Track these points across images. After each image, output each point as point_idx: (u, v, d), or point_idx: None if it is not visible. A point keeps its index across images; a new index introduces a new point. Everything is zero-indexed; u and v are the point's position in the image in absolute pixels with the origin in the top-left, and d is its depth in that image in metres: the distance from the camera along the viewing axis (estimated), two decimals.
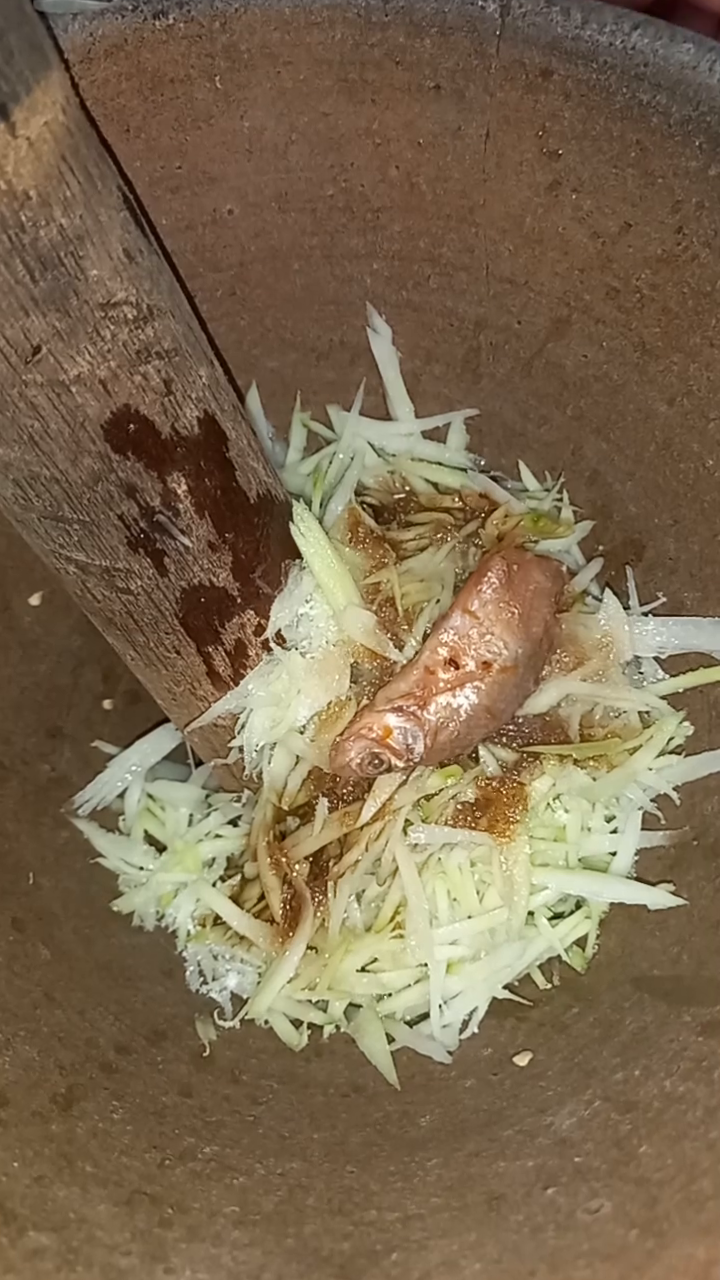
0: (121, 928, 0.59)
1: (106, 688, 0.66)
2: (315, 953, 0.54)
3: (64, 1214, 0.41)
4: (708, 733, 0.57)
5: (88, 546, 0.46)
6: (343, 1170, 0.47)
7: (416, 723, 0.52)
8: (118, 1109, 0.48)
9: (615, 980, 0.53)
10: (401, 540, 0.59)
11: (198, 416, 0.45)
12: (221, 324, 0.59)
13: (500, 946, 0.54)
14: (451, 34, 0.47)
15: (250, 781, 0.57)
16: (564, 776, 0.55)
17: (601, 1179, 0.42)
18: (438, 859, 0.54)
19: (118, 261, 0.39)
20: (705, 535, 0.56)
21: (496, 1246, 0.40)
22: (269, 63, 0.50)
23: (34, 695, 0.63)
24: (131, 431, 0.42)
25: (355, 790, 0.55)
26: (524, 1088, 0.50)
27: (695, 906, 0.52)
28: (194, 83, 0.50)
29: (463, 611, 0.52)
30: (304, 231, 0.57)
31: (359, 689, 0.55)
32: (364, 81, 0.50)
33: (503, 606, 0.52)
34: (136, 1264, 0.40)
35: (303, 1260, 0.42)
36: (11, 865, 0.57)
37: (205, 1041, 0.55)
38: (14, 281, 0.36)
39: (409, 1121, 0.50)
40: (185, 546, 0.47)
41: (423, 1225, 0.43)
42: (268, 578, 0.53)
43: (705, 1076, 0.43)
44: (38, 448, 0.41)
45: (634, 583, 0.59)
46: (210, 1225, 0.43)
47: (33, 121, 0.34)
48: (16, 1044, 0.48)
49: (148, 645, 0.52)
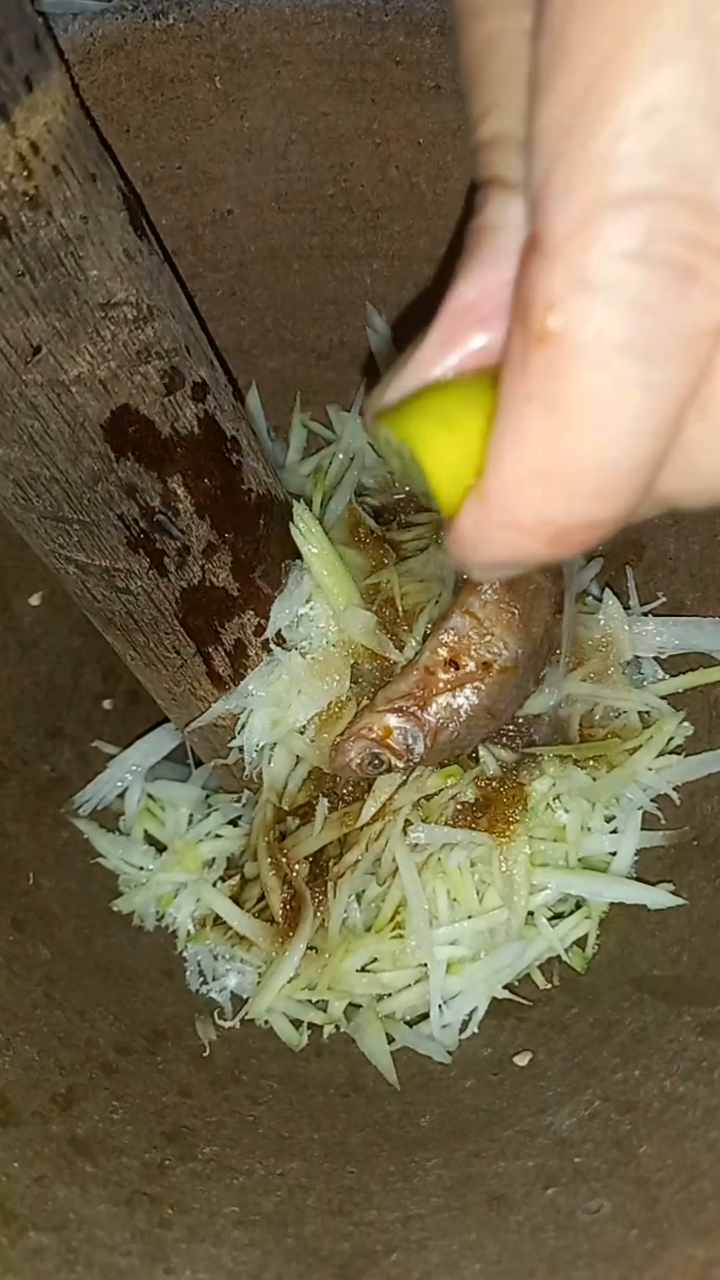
0: (121, 928, 0.59)
1: (106, 688, 0.66)
2: (315, 953, 0.54)
3: (64, 1214, 0.41)
4: (708, 733, 0.57)
5: (88, 546, 0.46)
6: (343, 1170, 0.47)
7: (416, 723, 0.52)
8: (118, 1109, 0.48)
9: (615, 980, 0.53)
10: (401, 540, 0.59)
11: (198, 416, 0.45)
12: (221, 324, 0.59)
13: (500, 946, 0.55)
14: (451, 34, 0.47)
15: (250, 781, 0.57)
16: (564, 776, 0.55)
17: (601, 1179, 0.42)
18: (438, 859, 0.54)
19: (118, 261, 0.39)
20: (705, 535, 0.56)
21: (496, 1247, 0.41)
22: (269, 63, 0.50)
23: (34, 695, 0.63)
24: (131, 432, 0.42)
25: (355, 790, 0.55)
26: (524, 1088, 0.50)
27: (695, 906, 0.52)
28: (194, 83, 0.50)
29: (463, 612, 0.52)
30: (304, 231, 0.57)
31: (359, 689, 0.55)
32: (364, 81, 0.50)
33: (503, 607, 0.52)
34: (136, 1264, 0.40)
35: (303, 1260, 0.42)
36: (11, 865, 0.57)
37: (205, 1041, 0.55)
38: (14, 281, 0.36)
39: (409, 1121, 0.50)
40: (185, 546, 0.47)
41: (423, 1225, 0.43)
42: (268, 578, 0.53)
43: (705, 1076, 0.43)
44: (38, 448, 0.41)
45: (634, 583, 0.59)
46: (210, 1225, 0.43)
47: (33, 121, 0.34)
48: (16, 1044, 0.48)
49: (148, 645, 0.52)
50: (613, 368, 0.18)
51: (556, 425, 0.19)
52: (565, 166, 0.17)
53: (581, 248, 0.17)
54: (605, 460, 0.19)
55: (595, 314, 0.18)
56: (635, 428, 0.19)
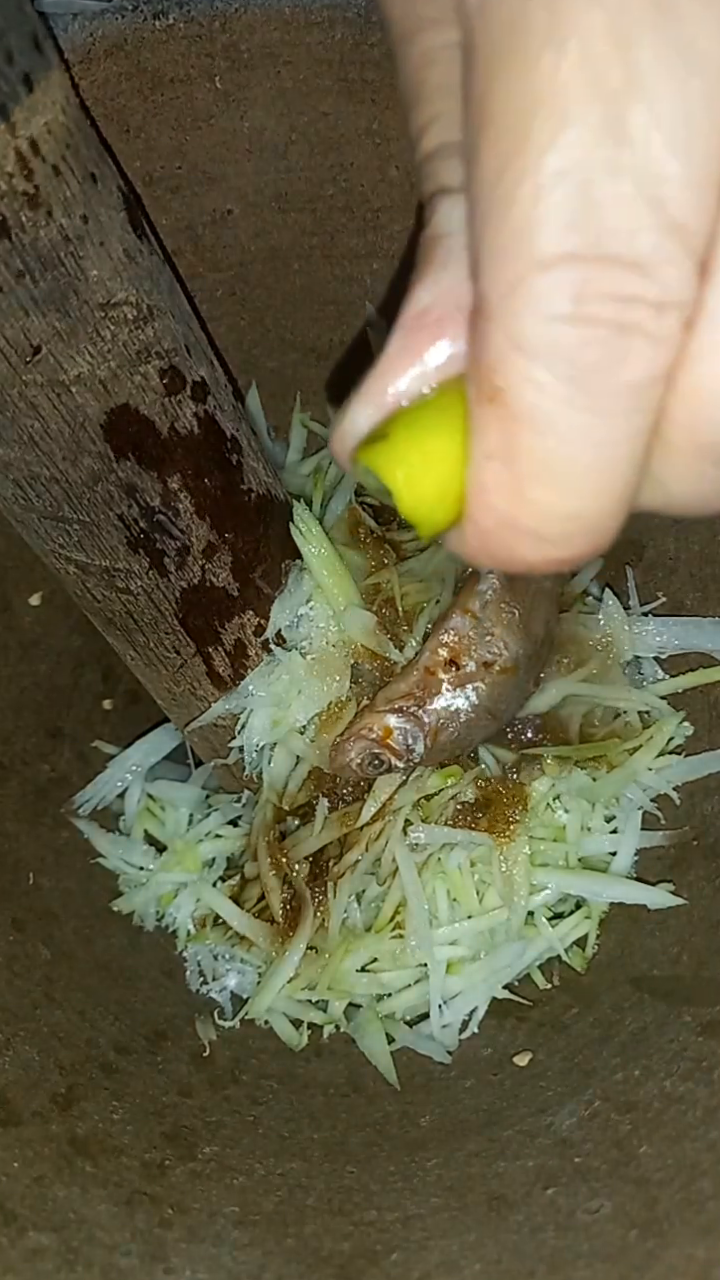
0: (121, 928, 0.59)
1: (106, 688, 0.66)
2: (315, 953, 0.54)
3: (64, 1214, 0.41)
4: (708, 733, 0.57)
5: (88, 546, 0.46)
6: (343, 1170, 0.47)
7: (417, 723, 0.52)
8: (118, 1109, 0.48)
9: (615, 980, 0.53)
10: (401, 541, 0.59)
11: (198, 416, 0.45)
12: (221, 324, 0.59)
13: (500, 946, 0.55)
14: None
15: (250, 781, 0.57)
16: (564, 777, 0.55)
17: (601, 1179, 0.42)
18: (438, 859, 0.54)
19: (118, 261, 0.39)
20: (705, 535, 0.56)
21: (496, 1247, 0.41)
22: (269, 63, 0.50)
23: (34, 695, 0.63)
24: (131, 431, 0.42)
25: (355, 790, 0.55)
26: (524, 1088, 0.50)
27: (695, 906, 0.52)
28: (194, 83, 0.50)
29: (463, 612, 0.52)
30: (304, 231, 0.57)
31: (359, 689, 0.55)
32: (364, 81, 0.50)
33: (503, 607, 0.52)
34: (136, 1264, 0.40)
35: (303, 1260, 0.42)
36: (11, 865, 0.57)
37: (205, 1041, 0.55)
38: (14, 281, 0.36)
39: (409, 1121, 0.50)
40: (185, 546, 0.47)
41: (423, 1225, 0.43)
42: (268, 578, 0.53)
43: (705, 1076, 0.43)
44: (38, 448, 0.41)
45: (634, 583, 0.59)
46: (210, 1225, 0.43)
47: (33, 121, 0.34)
48: (16, 1044, 0.48)
49: (148, 645, 0.52)
50: (559, 427, 0.18)
51: (515, 482, 0.19)
52: (493, 230, 0.18)
53: (514, 312, 0.18)
54: (567, 511, 0.19)
55: (535, 375, 0.18)
56: (593, 481, 0.19)
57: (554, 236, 0.17)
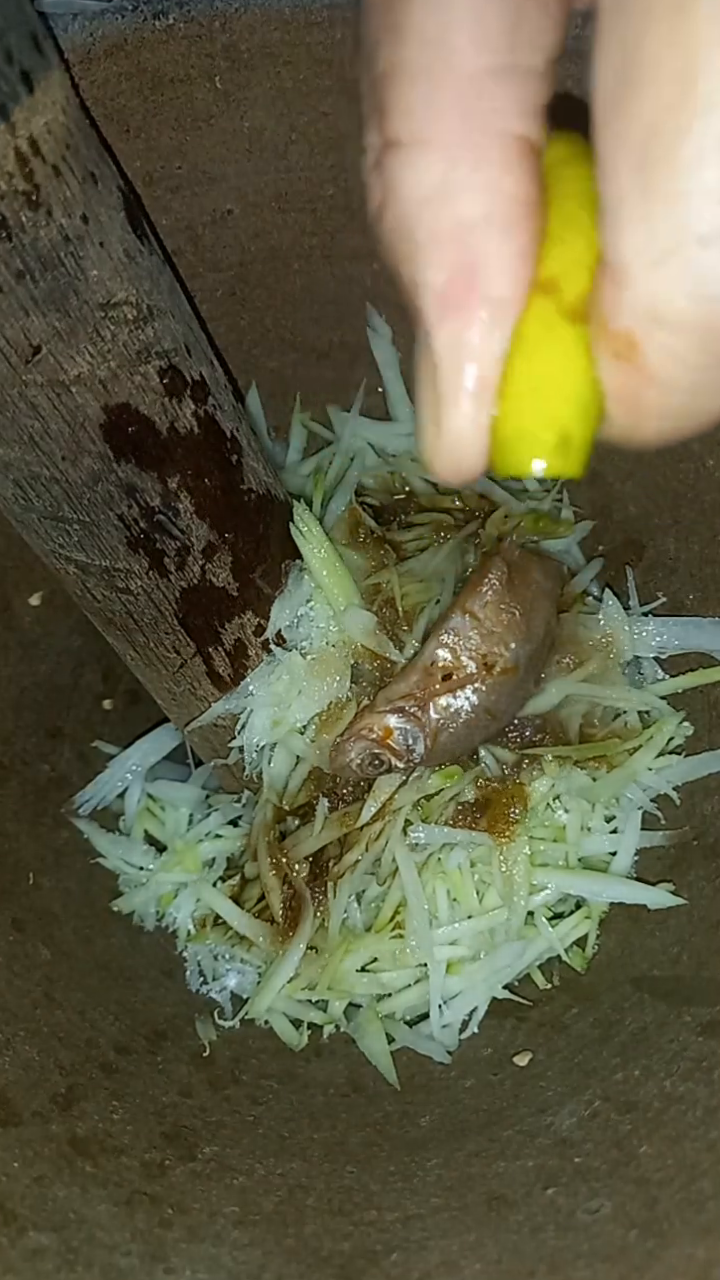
0: (121, 928, 0.59)
1: (106, 688, 0.66)
2: (315, 953, 0.54)
3: (64, 1214, 0.41)
4: (708, 733, 0.57)
5: (88, 546, 0.46)
6: (343, 1170, 0.47)
7: (417, 724, 0.52)
8: (118, 1109, 0.48)
9: (615, 980, 0.53)
10: (401, 541, 0.59)
11: (198, 416, 0.45)
12: (221, 324, 0.59)
13: (500, 946, 0.55)
14: None
15: (250, 781, 0.57)
16: (564, 777, 0.55)
17: (601, 1179, 0.42)
18: (437, 859, 0.54)
19: (118, 261, 0.39)
20: (705, 535, 0.56)
21: (496, 1247, 0.41)
22: (269, 63, 0.50)
23: (34, 695, 0.63)
24: (131, 432, 0.42)
25: (355, 791, 0.55)
26: (524, 1088, 0.50)
27: (695, 906, 0.52)
28: (194, 83, 0.50)
29: (463, 612, 0.52)
30: (304, 231, 0.57)
31: (359, 689, 0.55)
32: None
33: (503, 607, 0.52)
34: (136, 1264, 0.40)
35: (303, 1260, 0.42)
36: (11, 865, 0.57)
37: (205, 1041, 0.55)
38: (14, 281, 0.36)
39: (409, 1121, 0.50)
40: (185, 546, 0.47)
41: (423, 1225, 0.43)
42: (268, 578, 0.53)
43: (705, 1076, 0.43)
44: (38, 448, 0.41)
45: (634, 583, 0.59)
46: (210, 1225, 0.43)
47: (33, 121, 0.34)
48: (16, 1044, 0.48)
49: (148, 645, 0.52)
50: (687, 387, 0.19)
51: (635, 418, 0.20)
52: (641, 192, 0.17)
53: (662, 285, 0.17)
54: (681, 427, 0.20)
55: (675, 349, 0.18)
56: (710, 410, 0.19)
57: (716, 211, 0.16)
